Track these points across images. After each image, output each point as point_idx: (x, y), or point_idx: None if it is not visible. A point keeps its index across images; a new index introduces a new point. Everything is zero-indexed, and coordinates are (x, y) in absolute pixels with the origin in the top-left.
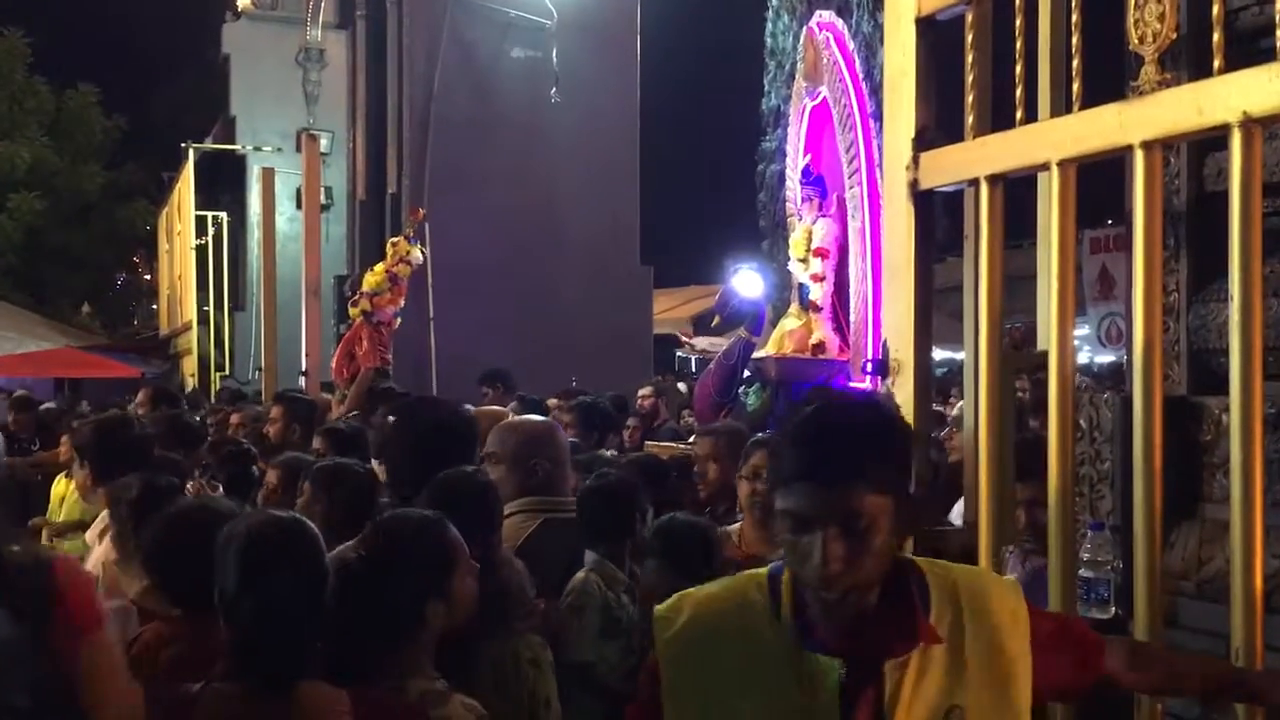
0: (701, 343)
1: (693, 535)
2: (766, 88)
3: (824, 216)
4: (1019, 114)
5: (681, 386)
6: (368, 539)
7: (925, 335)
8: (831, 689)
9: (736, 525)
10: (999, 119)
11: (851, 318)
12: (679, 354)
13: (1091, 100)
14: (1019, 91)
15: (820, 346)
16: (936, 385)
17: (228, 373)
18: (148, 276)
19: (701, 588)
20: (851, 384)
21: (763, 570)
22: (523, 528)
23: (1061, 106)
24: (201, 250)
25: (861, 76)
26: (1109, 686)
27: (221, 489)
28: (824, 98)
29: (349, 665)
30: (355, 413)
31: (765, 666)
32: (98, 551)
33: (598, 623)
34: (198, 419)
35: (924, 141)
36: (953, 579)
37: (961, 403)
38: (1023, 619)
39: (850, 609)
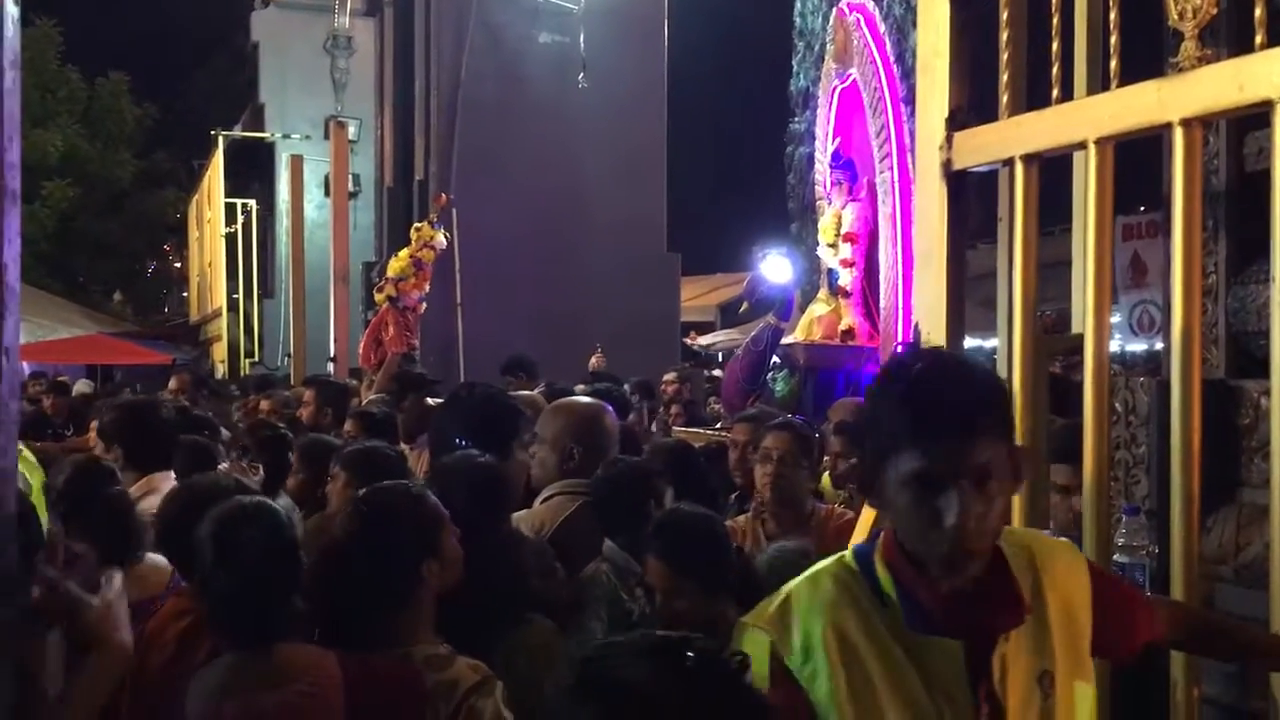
0: (708, 339)
1: (696, 529)
2: (795, 68)
3: (854, 201)
4: (1055, 92)
5: (719, 374)
6: (352, 515)
7: (958, 318)
8: (959, 672)
9: (743, 517)
10: (1034, 98)
11: (881, 304)
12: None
13: (1129, 78)
14: (1055, 69)
15: (849, 333)
16: None
17: (257, 359)
18: (178, 264)
19: (794, 589)
20: None
21: (845, 555)
22: (560, 510)
23: (1098, 84)
24: (231, 238)
25: (893, 59)
26: (1154, 648)
27: (262, 471)
28: (854, 80)
29: (354, 637)
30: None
31: (889, 659)
32: None
33: (604, 617)
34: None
35: (957, 122)
36: (1025, 544)
37: None
38: (1084, 576)
39: (970, 575)
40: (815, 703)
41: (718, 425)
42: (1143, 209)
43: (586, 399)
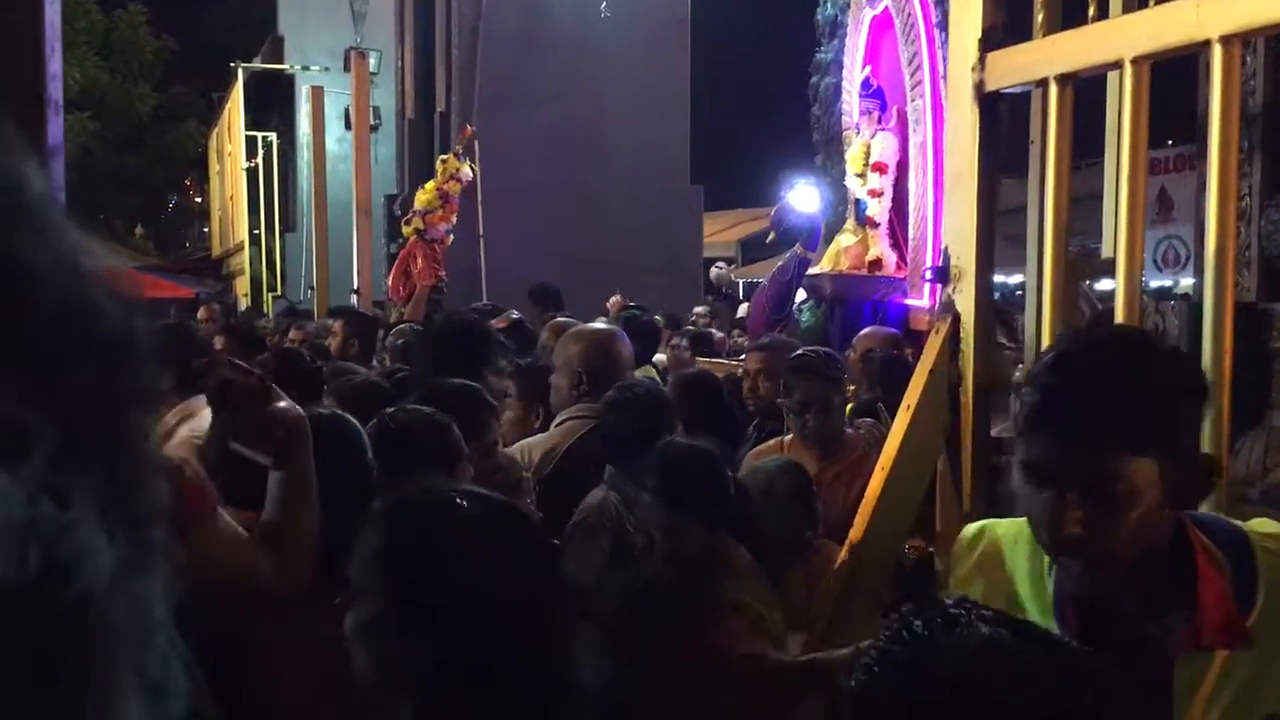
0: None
1: (692, 463)
2: None
3: (883, 130)
4: (1091, 10)
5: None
6: (375, 429)
7: (988, 243)
8: None
9: (774, 441)
10: (1070, 17)
11: (910, 233)
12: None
13: None
14: None
15: (877, 263)
16: None
17: (280, 293)
18: (199, 198)
19: (1003, 523)
20: (909, 301)
21: None
22: (571, 434)
23: (1135, 2)
24: (252, 171)
25: None
26: None
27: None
28: (885, 7)
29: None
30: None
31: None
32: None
33: (608, 548)
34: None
35: (991, 42)
36: None
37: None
38: None
39: (1096, 583)
40: None
41: (742, 356)
42: (1170, 143)
43: (599, 325)
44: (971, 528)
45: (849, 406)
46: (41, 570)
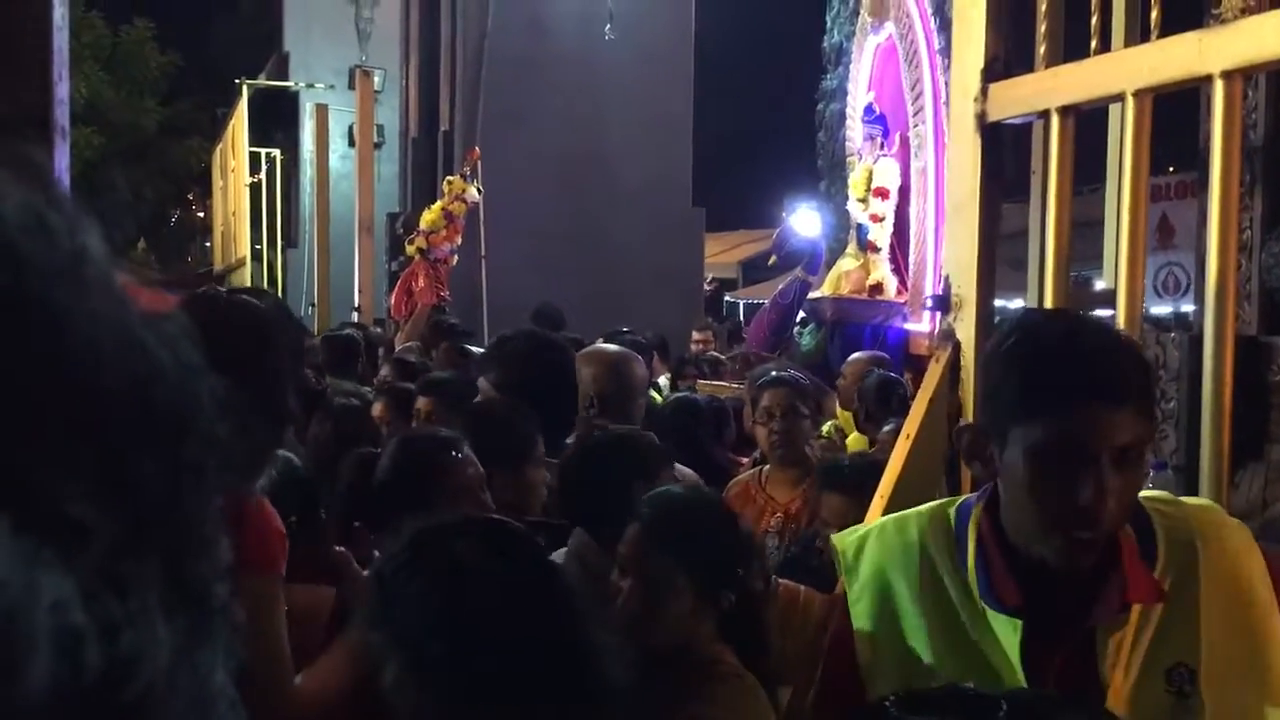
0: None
1: (693, 507)
2: (829, 24)
3: (886, 155)
4: (1093, 43)
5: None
6: (384, 454)
7: (989, 272)
8: (1012, 650)
9: (752, 471)
10: (1072, 49)
11: (911, 258)
12: (727, 299)
13: (1170, 29)
14: (1094, 19)
15: (878, 288)
16: None
17: None
18: (201, 214)
19: (884, 521)
20: (909, 326)
21: (950, 504)
22: None
23: (1138, 35)
24: (255, 187)
25: (930, 11)
26: None
27: None
28: (889, 35)
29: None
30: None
31: (945, 618)
32: None
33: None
34: None
35: (993, 73)
36: (1186, 520)
37: None
38: (1260, 563)
39: (1086, 557)
40: (857, 633)
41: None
42: (1171, 170)
43: (612, 347)
44: (848, 538)
45: (828, 426)
46: (101, 672)
